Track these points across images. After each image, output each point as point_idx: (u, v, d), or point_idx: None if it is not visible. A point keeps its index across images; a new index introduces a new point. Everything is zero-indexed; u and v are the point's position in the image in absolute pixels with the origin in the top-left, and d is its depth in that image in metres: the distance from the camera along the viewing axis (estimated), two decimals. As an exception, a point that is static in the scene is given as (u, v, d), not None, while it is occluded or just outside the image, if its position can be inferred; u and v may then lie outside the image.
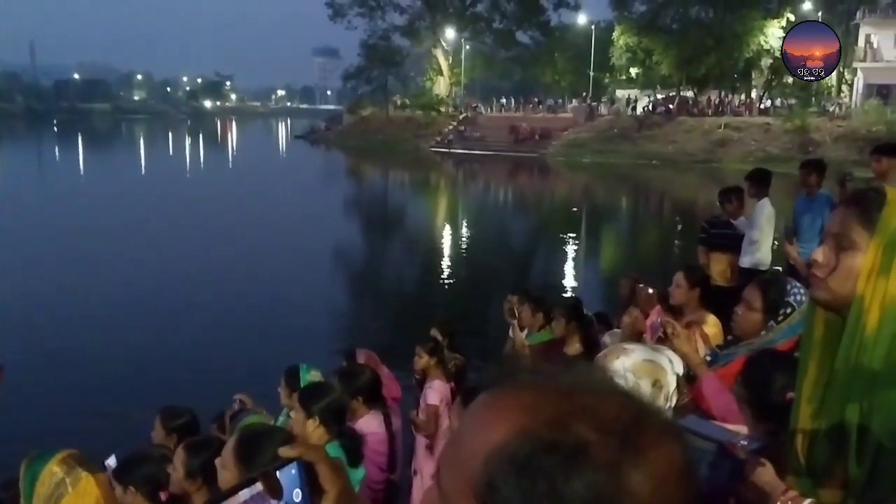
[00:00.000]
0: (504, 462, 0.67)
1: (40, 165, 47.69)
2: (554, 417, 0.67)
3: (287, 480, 0.94)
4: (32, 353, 10.42)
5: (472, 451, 0.70)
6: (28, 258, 17.20)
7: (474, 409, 0.74)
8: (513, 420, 0.69)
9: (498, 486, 0.67)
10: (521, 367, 0.77)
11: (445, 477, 0.73)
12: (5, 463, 3.85)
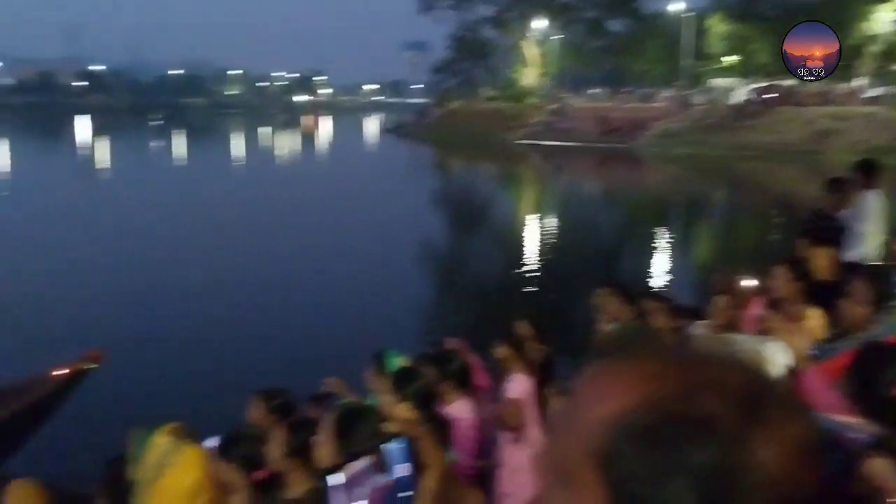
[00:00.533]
0: (627, 431, 0.66)
1: (140, 159, 49.90)
2: (680, 388, 0.66)
3: (394, 455, 0.97)
4: (136, 339, 11.04)
5: (591, 420, 0.69)
6: (129, 248, 18.14)
7: (593, 378, 0.72)
8: (637, 389, 0.68)
9: (620, 455, 0.66)
10: (641, 337, 0.77)
11: (560, 445, 0.72)
12: (112, 440, 4.08)
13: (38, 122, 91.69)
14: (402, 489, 1.00)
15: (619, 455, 0.66)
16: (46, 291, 13.80)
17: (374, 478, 0.94)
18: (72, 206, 25.12)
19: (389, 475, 0.93)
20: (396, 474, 0.93)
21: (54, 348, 9.51)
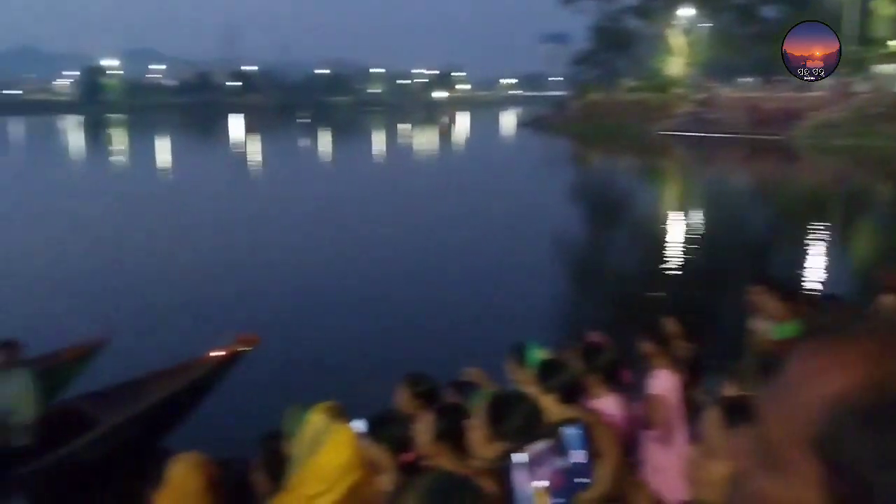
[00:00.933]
0: (851, 413, 0.62)
1: (289, 155, 52.29)
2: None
3: (570, 441, 0.95)
4: (290, 325, 11.69)
5: (808, 401, 0.65)
6: (281, 240, 19.10)
7: (809, 357, 0.68)
8: (859, 369, 0.63)
9: (842, 439, 0.62)
10: (854, 318, 0.70)
11: (769, 427, 0.68)
12: (268, 418, 4.28)
13: (195, 121, 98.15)
14: (579, 475, 0.97)
15: (841, 438, 0.62)
16: (208, 280, 14.81)
17: (553, 459, 0.93)
18: (226, 199, 26.75)
19: (567, 459, 0.91)
20: (573, 459, 0.90)
21: (213, 332, 10.16)
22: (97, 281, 14.77)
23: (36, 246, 18.09)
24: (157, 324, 11.83)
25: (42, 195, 28.05)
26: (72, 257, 16.84)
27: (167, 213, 23.27)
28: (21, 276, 14.61)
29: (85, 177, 37.50)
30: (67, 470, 6.28)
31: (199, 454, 3.30)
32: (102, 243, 18.61)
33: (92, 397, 7.33)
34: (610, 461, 0.84)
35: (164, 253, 17.38)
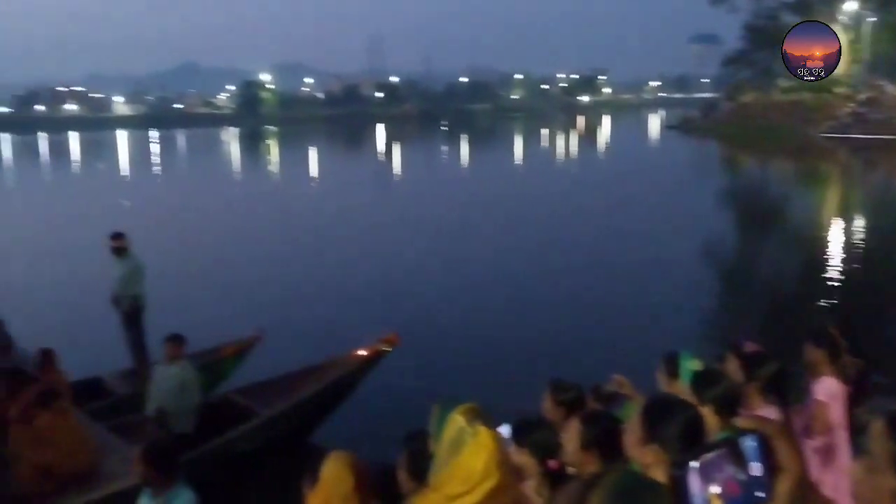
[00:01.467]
0: None
1: (429, 162, 53.24)
2: None
3: (746, 452, 0.86)
4: (434, 326, 11.87)
5: None
6: (422, 242, 19.45)
7: None
8: None
9: None
10: None
11: None
12: (412, 417, 4.32)
13: (342, 131, 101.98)
14: (756, 488, 0.88)
15: None
16: (352, 281, 15.32)
17: (728, 468, 0.84)
18: (368, 204, 27.60)
19: (744, 470, 0.82)
20: (750, 472, 0.82)
21: (357, 331, 10.46)
22: (252, 282, 15.63)
23: (197, 250, 19.39)
24: (306, 323, 12.33)
25: (203, 201, 30.04)
26: (228, 261, 17.90)
27: (315, 218, 24.29)
28: (184, 277, 15.65)
29: (242, 184, 39.84)
30: (223, 459, 6.63)
31: (350, 453, 3.37)
32: (257, 247, 19.68)
33: (247, 391, 7.72)
34: (792, 476, 0.75)
35: (313, 256, 18.15)
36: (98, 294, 9.61)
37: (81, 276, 14.02)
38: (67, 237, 20.74)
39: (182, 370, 7.03)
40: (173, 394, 6.96)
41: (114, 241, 8.81)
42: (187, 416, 7.01)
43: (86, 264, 13.89)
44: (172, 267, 15.61)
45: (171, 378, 6.99)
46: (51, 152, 74.35)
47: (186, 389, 6.99)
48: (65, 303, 12.82)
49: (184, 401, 6.99)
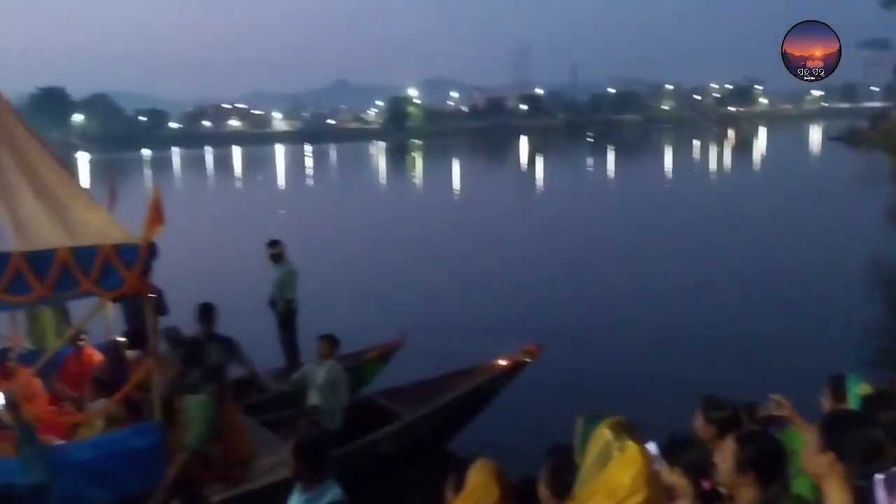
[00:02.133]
0: None
1: (572, 174, 52.56)
2: None
3: None
4: (582, 338, 11.71)
5: None
6: (563, 255, 19.23)
7: None
8: None
9: None
10: None
11: None
12: (553, 428, 4.25)
13: (486, 144, 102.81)
14: None
15: None
16: (496, 291, 15.39)
17: None
18: (509, 216, 27.63)
19: None
20: None
21: (499, 341, 10.47)
22: (397, 288, 16.05)
23: (345, 256, 20.13)
24: (449, 330, 12.48)
25: (351, 211, 31.18)
26: (374, 268, 18.47)
27: (457, 229, 24.61)
28: (334, 283, 16.25)
29: (387, 195, 41.06)
30: (366, 459, 6.80)
31: (496, 463, 3.36)
32: (401, 255, 20.19)
33: (390, 394, 7.90)
34: None
35: (456, 265, 18.38)
36: (255, 296, 10.15)
37: (240, 278, 14.88)
38: (228, 242, 22.13)
39: (332, 369, 7.28)
40: (324, 391, 7.20)
41: (271, 247, 9.32)
42: (337, 414, 7.23)
43: (244, 268, 14.72)
44: (322, 273, 16.28)
45: (323, 376, 7.25)
46: (215, 165, 79.81)
47: (336, 388, 7.22)
48: (225, 303, 13.65)
49: (334, 399, 7.23)
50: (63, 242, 5.44)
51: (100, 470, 5.56)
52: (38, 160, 5.93)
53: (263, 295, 9.65)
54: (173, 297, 7.28)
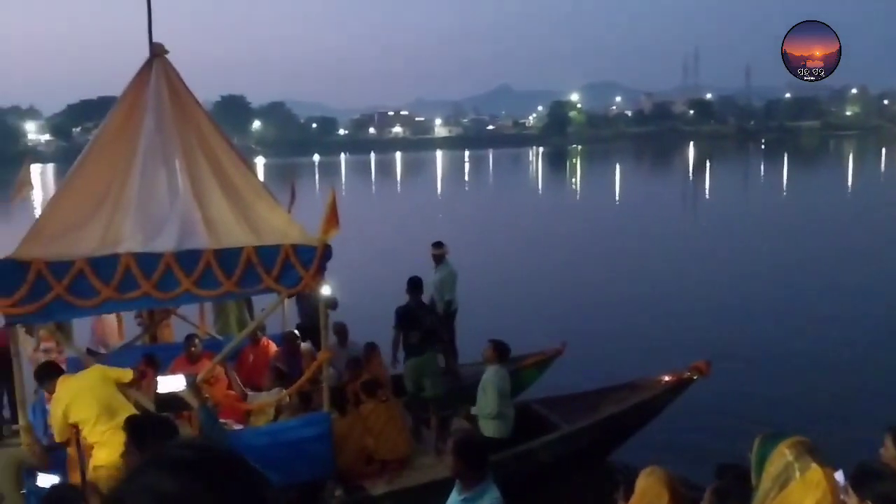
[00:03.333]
0: None
1: (741, 183, 49.92)
2: None
3: None
4: (752, 354, 11.14)
5: None
6: (728, 267, 18.34)
7: None
8: None
9: None
10: None
11: None
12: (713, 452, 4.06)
13: (650, 151, 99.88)
14: None
15: None
16: (657, 304, 14.90)
17: None
18: (672, 226, 26.67)
19: None
20: None
21: (659, 355, 10.16)
22: (555, 295, 15.95)
23: (501, 261, 20.25)
24: (610, 341, 12.25)
25: (506, 216, 31.31)
26: (530, 273, 18.44)
27: (616, 237, 24.05)
28: (490, 286, 16.36)
29: (543, 201, 40.87)
30: (523, 466, 6.80)
31: (666, 470, 3.27)
32: (558, 261, 20.04)
33: (549, 402, 7.85)
34: None
35: (614, 273, 17.98)
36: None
37: (400, 279, 15.34)
38: (388, 244, 22.84)
39: (496, 373, 7.25)
40: (487, 395, 7.19)
41: (434, 248, 9.53)
42: (501, 419, 7.18)
43: (403, 269, 15.11)
44: (480, 277, 16.46)
45: (487, 379, 7.26)
46: (378, 170, 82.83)
47: (501, 393, 7.14)
48: (386, 303, 14.10)
49: (498, 404, 7.19)
50: (248, 241, 5.82)
51: (271, 457, 5.86)
52: (229, 163, 6.37)
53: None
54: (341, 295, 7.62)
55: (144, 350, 7.77)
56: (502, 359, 7.14)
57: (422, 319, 7.95)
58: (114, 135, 6.04)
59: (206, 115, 6.44)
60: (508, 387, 7.10)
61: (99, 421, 5.16)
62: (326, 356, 6.25)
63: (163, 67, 6.15)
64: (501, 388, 7.00)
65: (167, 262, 5.45)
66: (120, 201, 5.80)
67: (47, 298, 5.17)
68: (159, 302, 5.81)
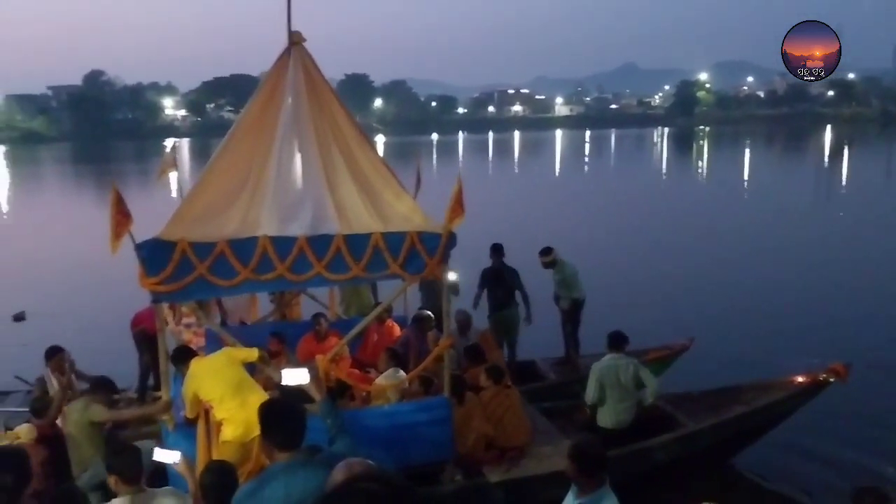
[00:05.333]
0: None
1: (888, 171, 46.68)
2: None
3: None
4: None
5: None
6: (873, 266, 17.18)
7: None
8: None
9: None
10: None
11: None
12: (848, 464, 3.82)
13: (783, 134, 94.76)
14: None
15: None
16: (791, 300, 14.19)
17: None
18: (805, 217, 25.23)
19: None
20: None
21: (802, 355, 9.66)
22: (682, 287, 15.46)
23: (623, 249, 19.80)
24: (738, 338, 11.78)
25: (627, 200, 30.51)
26: (656, 263, 17.91)
27: (745, 227, 22.98)
28: (614, 276, 16.03)
29: (667, 185, 39.60)
30: (642, 463, 6.65)
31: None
32: (684, 251, 19.38)
33: (672, 399, 7.63)
34: None
35: (744, 268, 17.20)
36: (543, 285, 10.22)
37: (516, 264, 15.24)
38: (503, 229, 22.72)
39: (602, 361, 7.10)
40: (610, 387, 7.04)
41: (543, 256, 9.35)
42: (624, 411, 7.05)
43: (521, 257, 15.04)
44: (602, 263, 16.19)
45: (592, 366, 7.16)
46: (495, 149, 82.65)
47: (602, 381, 7.01)
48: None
49: (597, 392, 7.06)
50: (376, 227, 5.94)
51: (391, 438, 6.00)
52: (359, 151, 6.51)
53: (542, 285, 9.75)
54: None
55: (273, 327, 8.12)
56: (618, 348, 7.04)
57: (505, 278, 9.17)
58: (253, 122, 6.29)
59: (339, 104, 6.59)
60: (620, 376, 6.95)
61: (225, 399, 5.52)
62: (449, 342, 6.32)
63: (300, 56, 6.32)
64: (602, 377, 6.91)
65: (301, 245, 5.63)
66: (258, 187, 6.05)
67: (190, 277, 5.45)
68: (292, 284, 6.03)
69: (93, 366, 7.76)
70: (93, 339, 11.19)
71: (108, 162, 65.90)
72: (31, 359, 8.33)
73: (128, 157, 72.00)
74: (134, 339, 8.58)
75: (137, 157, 70.46)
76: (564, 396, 7.90)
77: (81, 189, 44.09)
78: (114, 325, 10.56)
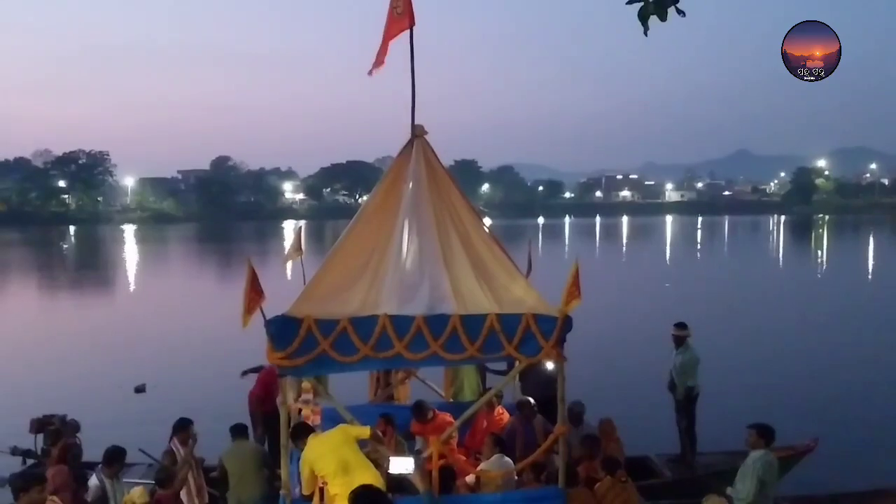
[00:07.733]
0: None
1: None
2: None
3: None
4: None
5: None
6: None
7: None
8: None
9: None
10: None
11: None
12: None
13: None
14: None
15: None
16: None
17: None
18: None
19: None
20: None
21: None
22: (807, 382, 14.66)
23: (738, 340, 18.99)
24: (863, 439, 11.01)
25: (742, 289, 29.38)
26: (775, 356, 17.06)
27: (869, 321, 21.66)
28: (732, 367, 15.34)
29: (784, 274, 37.98)
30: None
31: None
32: (810, 345, 18.42)
33: (795, 500, 7.17)
34: None
35: (875, 361, 16.16)
36: (655, 377, 9.96)
37: (629, 354, 14.85)
38: (613, 314, 22.27)
39: (760, 459, 6.65)
40: (747, 481, 6.62)
41: (676, 329, 9.11)
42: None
43: (634, 344, 14.72)
44: (719, 355, 15.56)
45: (749, 464, 6.70)
46: (603, 233, 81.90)
47: (762, 480, 6.56)
48: (618, 380, 13.72)
49: (756, 491, 6.61)
50: (491, 309, 6.01)
51: (501, 523, 5.89)
52: (476, 235, 6.68)
53: (656, 372, 9.50)
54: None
55: (378, 409, 8.17)
56: (768, 443, 6.59)
57: None
58: (377, 207, 6.60)
59: (458, 191, 6.82)
60: (774, 475, 6.53)
61: (338, 475, 5.62)
62: (563, 430, 6.21)
63: (422, 147, 6.64)
64: (763, 474, 6.46)
65: (418, 324, 5.76)
66: (380, 267, 6.29)
67: (315, 353, 5.66)
68: (409, 362, 6.14)
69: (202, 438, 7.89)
70: (206, 412, 11.54)
71: (230, 242, 69.28)
72: (150, 430, 8.62)
73: (248, 238, 75.60)
74: (250, 415, 8.86)
75: (257, 238, 73.92)
76: (681, 496, 7.56)
77: (204, 266, 46.42)
78: (229, 398, 10.75)
